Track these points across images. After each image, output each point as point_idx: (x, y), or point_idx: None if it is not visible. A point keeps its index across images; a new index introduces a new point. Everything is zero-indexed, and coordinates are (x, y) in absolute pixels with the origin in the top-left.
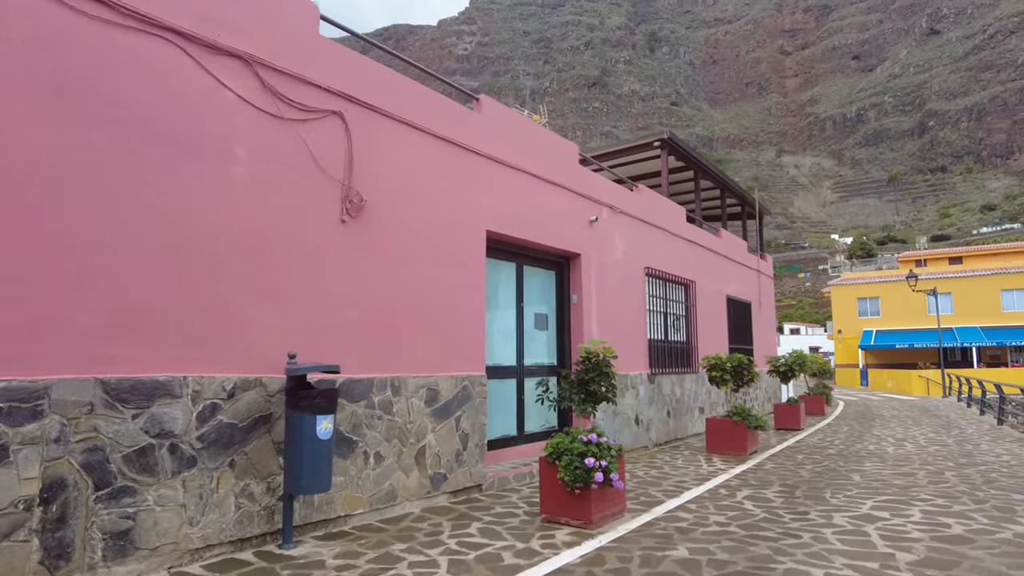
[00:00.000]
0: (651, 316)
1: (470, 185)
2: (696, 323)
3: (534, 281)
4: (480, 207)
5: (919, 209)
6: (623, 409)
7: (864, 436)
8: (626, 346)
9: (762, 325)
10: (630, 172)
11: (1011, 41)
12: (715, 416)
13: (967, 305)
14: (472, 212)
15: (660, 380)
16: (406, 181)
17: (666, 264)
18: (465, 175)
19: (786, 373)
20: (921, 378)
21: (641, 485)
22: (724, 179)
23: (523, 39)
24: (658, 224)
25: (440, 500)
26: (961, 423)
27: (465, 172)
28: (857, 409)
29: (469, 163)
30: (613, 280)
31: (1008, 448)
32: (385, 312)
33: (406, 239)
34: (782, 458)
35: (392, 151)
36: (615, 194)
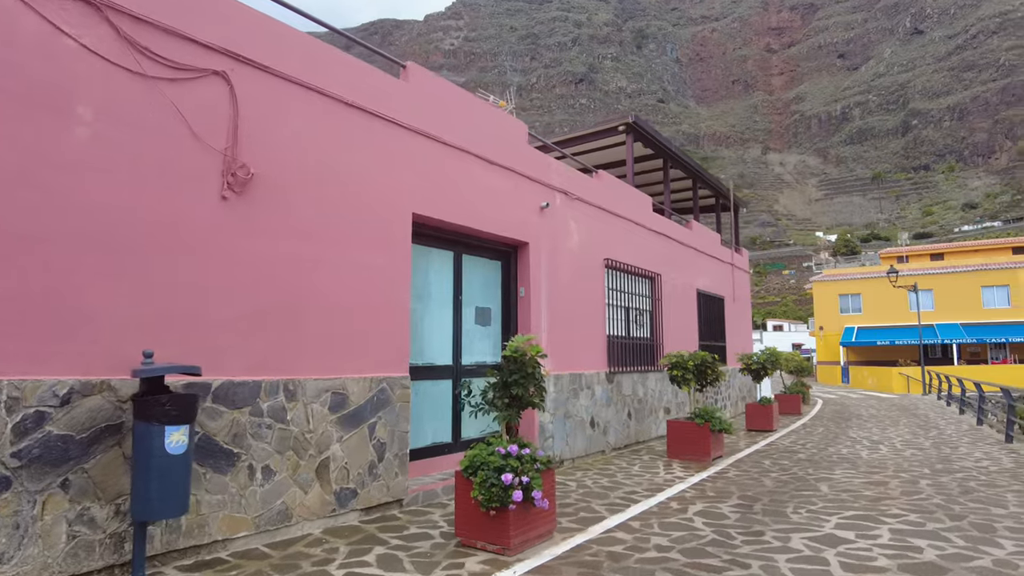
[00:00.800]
0: (611, 311)
1: (393, 163)
2: (662, 318)
3: (476, 272)
4: (405, 187)
5: (903, 207)
6: (576, 411)
7: (839, 438)
8: (581, 343)
9: (736, 321)
10: (596, 160)
11: (993, 41)
12: (677, 418)
13: (948, 302)
14: (395, 193)
15: (620, 379)
16: (313, 155)
17: (629, 256)
18: (388, 151)
19: (758, 371)
20: (901, 375)
21: (586, 497)
22: (696, 169)
23: (510, 35)
24: (620, 213)
25: (348, 519)
26: (940, 423)
27: (388, 148)
28: (835, 408)
29: (393, 138)
30: (567, 272)
31: (987, 451)
32: (281, 304)
33: (311, 221)
34: (748, 464)
35: (295, 121)
36: (570, 179)
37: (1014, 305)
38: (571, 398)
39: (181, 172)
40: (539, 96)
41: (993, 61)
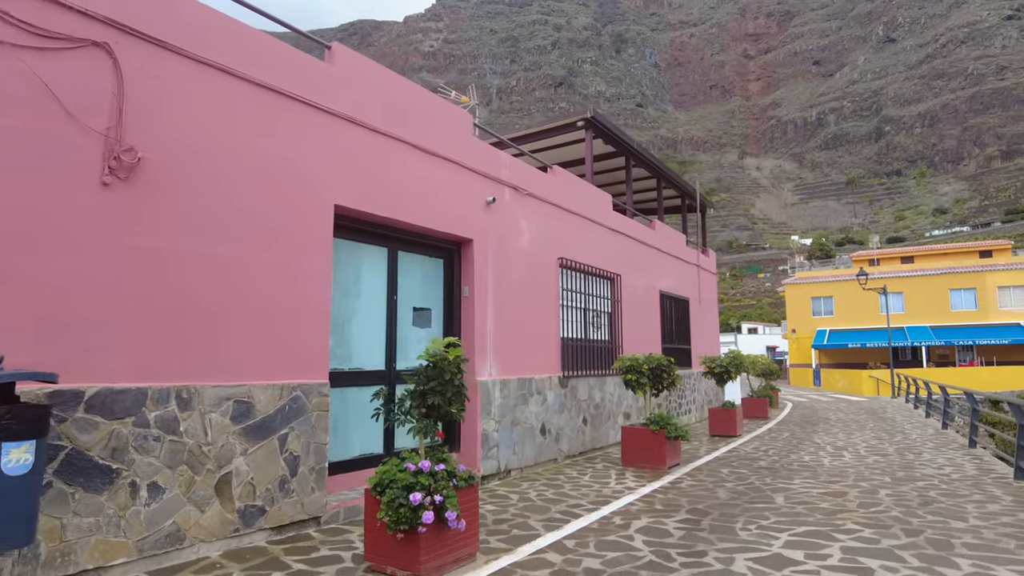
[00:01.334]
0: (566, 312)
1: (314, 150)
2: (621, 320)
3: (414, 270)
4: (327, 177)
5: (876, 211)
6: (525, 418)
7: (803, 444)
8: (532, 346)
9: (702, 323)
10: (555, 158)
11: (961, 51)
12: (633, 425)
13: (917, 305)
14: (314, 183)
15: (575, 384)
16: (216, 140)
17: (586, 255)
18: (307, 138)
19: (722, 375)
20: (872, 378)
21: (526, 511)
22: (660, 168)
23: (490, 37)
24: (577, 211)
25: (255, 539)
26: (906, 427)
27: (308, 135)
28: (803, 412)
29: (314, 124)
30: (517, 271)
31: (950, 458)
32: (173, 303)
33: (212, 212)
34: (705, 473)
35: (196, 102)
36: (521, 174)
37: (981, 308)
38: (519, 404)
39: (51, 154)
40: (519, 99)
41: (962, 70)
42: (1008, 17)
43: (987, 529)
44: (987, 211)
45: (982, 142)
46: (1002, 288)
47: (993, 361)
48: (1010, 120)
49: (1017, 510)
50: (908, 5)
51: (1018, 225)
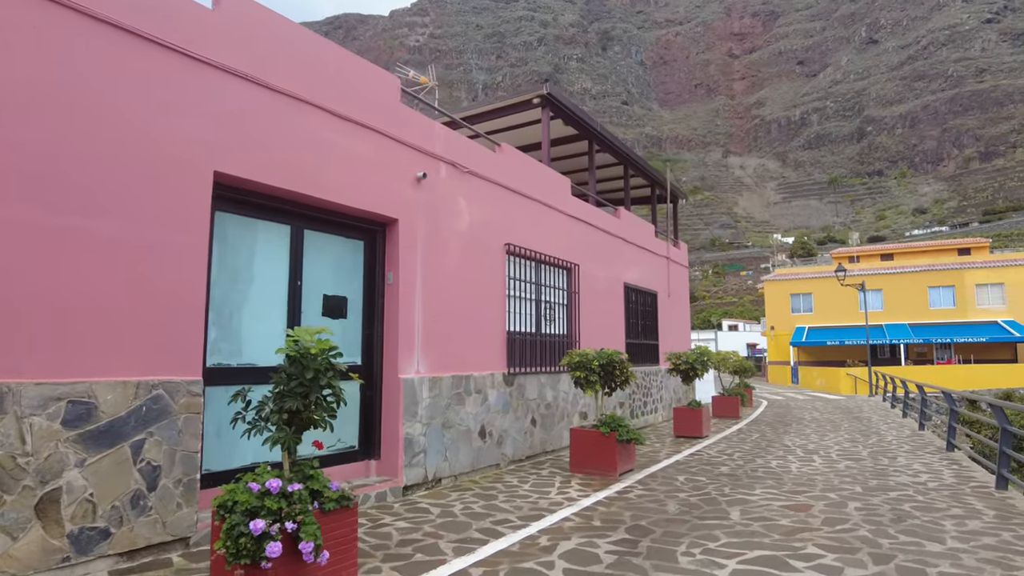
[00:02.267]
0: (515, 304)
1: (189, 107)
2: (579, 313)
3: (326, 252)
4: (203, 139)
5: (857, 211)
6: (460, 420)
7: (772, 446)
8: (472, 339)
9: (672, 318)
10: (515, 140)
11: (942, 53)
12: (583, 426)
13: (896, 302)
14: (186, 145)
15: (523, 382)
16: (50, 91)
17: (540, 242)
18: (182, 92)
19: (687, 372)
20: (849, 376)
21: (442, 530)
22: (628, 154)
23: (476, 33)
24: (529, 194)
25: (93, 569)
26: (882, 428)
27: (183, 88)
28: (777, 411)
29: (192, 76)
30: (454, 256)
31: (927, 463)
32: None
33: (44, 173)
34: (659, 481)
35: (33, 46)
36: (461, 149)
37: (959, 305)
38: (454, 405)
39: None
40: (504, 95)
41: (942, 72)
42: (988, 20)
43: (967, 553)
44: (965, 211)
45: (961, 143)
46: (980, 286)
47: (970, 359)
48: (988, 122)
49: (1000, 528)
50: (891, 7)
51: (995, 225)
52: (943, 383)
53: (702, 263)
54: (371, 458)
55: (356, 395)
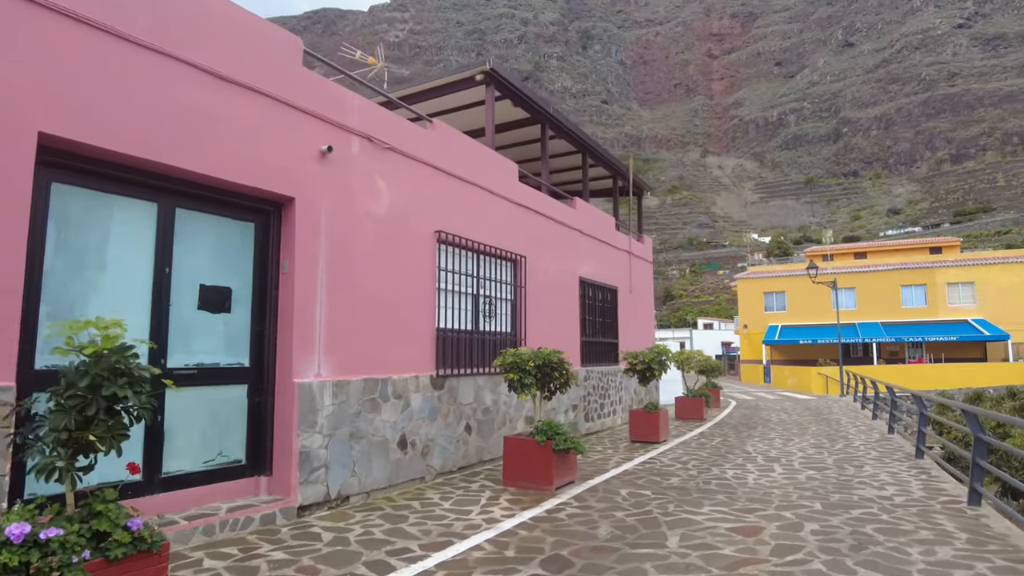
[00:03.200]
0: (448, 298)
1: (8, 54)
2: (525, 309)
3: (204, 235)
4: (21, 91)
5: (833, 211)
6: (374, 429)
7: (732, 453)
8: (391, 337)
9: (634, 315)
10: (464, 125)
11: (915, 56)
12: (519, 434)
13: (869, 301)
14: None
15: (456, 384)
16: None
17: (480, 231)
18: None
19: (644, 372)
20: (820, 376)
21: (321, 563)
22: (585, 141)
23: (456, 29)
24: (467, 177)
25: None
26: (850, 431)
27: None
28: (744, 412)
29: (15, 18)
30: (369, 243)
31: (894, 473)
32: None
33: None
34: (598, 496)
35: None
36: (380, 122)
37: (930, 304)
38: (366, 412)
39: None
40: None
41: (916, 75)
42: (959, 26)
43: None
44: (937, 212)
45: (933, 146)
46: (951, 284)
47: (941, 358)
48: (959, 125)
49: (974, 557)
50: (866, 11)
51: (965, 226)
52: (914, 383)
53: (680, 262)
54: (261, 474)
55: (243, 401)
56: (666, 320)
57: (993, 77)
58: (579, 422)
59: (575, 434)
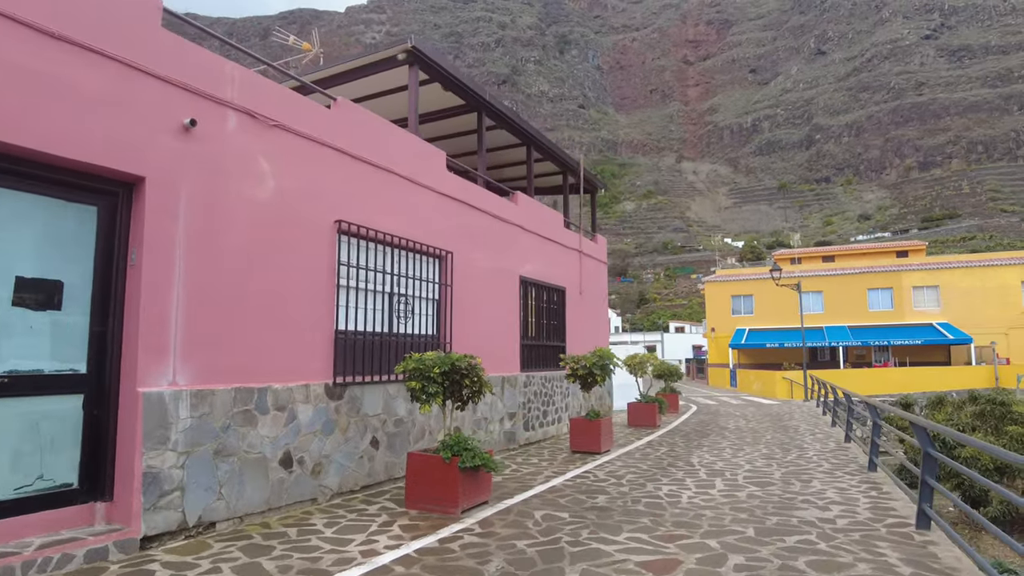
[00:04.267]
0: (353, 296)
1: None
2: (451, 309)
3: (27, 219)
4: None
5: (805, 216)
6: (248, 445)
7: (675, 465)
8: (272, 341)
9: (585, 318)
10: (391, 113)
11: (885, 66)
12: (425, 450)
13: (836, 304)
14: None
15: (359, 393)
16: None
17: (396, 223)
18: None
19: (585, 378)
20: (785, 380)
21: None
22: (530, 132)
23: (434, 32)
24: (380, 163)
25: None
26: (806, 440)
27: None
28: (702, 419)
29: None
30: (246, 232)
31: (843, 489)
32: None
33: None
34: (508, 520)
35: None
36: (265, 96)
37: (896, 308)
38: (236, 426)
39: None
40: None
41: (885, 84)
42: (926, 36)
43: None
44: (905, 218)
45: (902, 153)
46: (917, 288)
47: (906, 362)
48: (927, 133)
49: None
50: (838, 20)
51: (932, 232)
52: (879, 387)
53: (654, 266)
54: (99, 499)
55: (77, 414)
56: (639, 324)
57: (958, 87)
58: (517, 431)
59: (511, 445)
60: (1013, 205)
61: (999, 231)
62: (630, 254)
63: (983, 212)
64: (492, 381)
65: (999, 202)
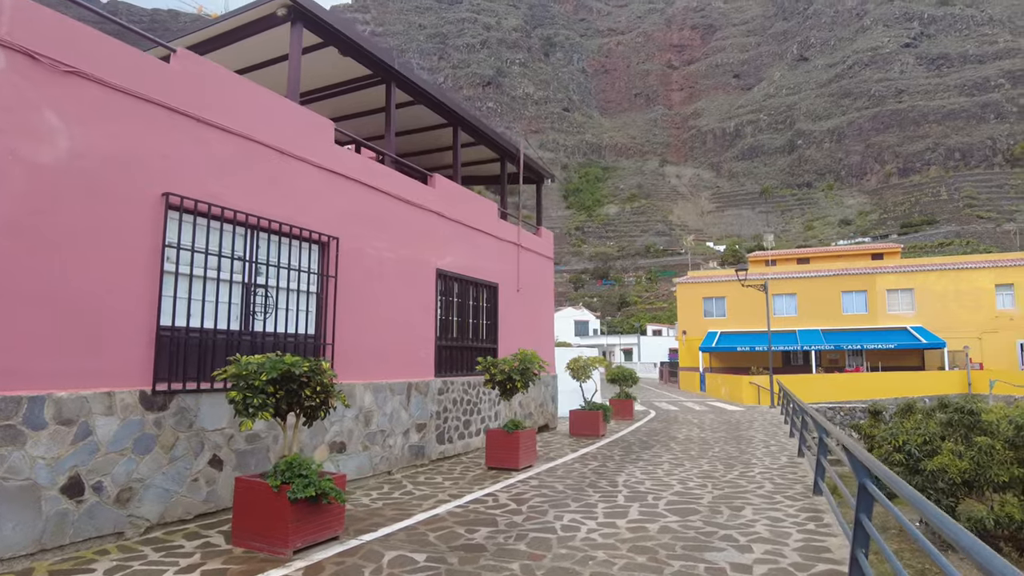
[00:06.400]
0: (191, 286)
1: None
2: (334, 304)
3: None
4: None
5: (787, 221)
6: (7, 471)
7: (597, 485)
8: (60, 337)
9: (523, 317)
10: (282, 86)
11: (866, 73)
12: (254, 475)
13: (810, 307)
14: None
15: (195, 404)
16: None
17: (259, 200)
18: None
19: (504, 384)
20: (752, 385)
21: None
22: (456, 112)
23: (418, 32)
24: (233, 128)
25: None
26: (758, 453)
27: None
28: (655, 426)
29: None
30: (15, 201)
31: (776, 520)
32: None
33: None
34: (347, 565)
35: None
36: (52, 32)
37: (871, 311)
38: (7, 445)
39: None
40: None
41: (866, 91)
42: (906, 45)
43: None
44: (885, 224)
45: (882, 159)
46: (891, 291)
47: (879, 366)
48: (906, 140)
49: None
50: (820, 27)
51: (911, 237)
52: (850, 392)
53: (636, 269)
54: None
55: None
56: (618, 327)
57: (937, 95)
58: (427, 445)
59: (419, 461)
60: (989, 212)
61: (976, 237)
62: (612, 257)
63: (960, 218)
64: (395, 388)
65: (975, 208)
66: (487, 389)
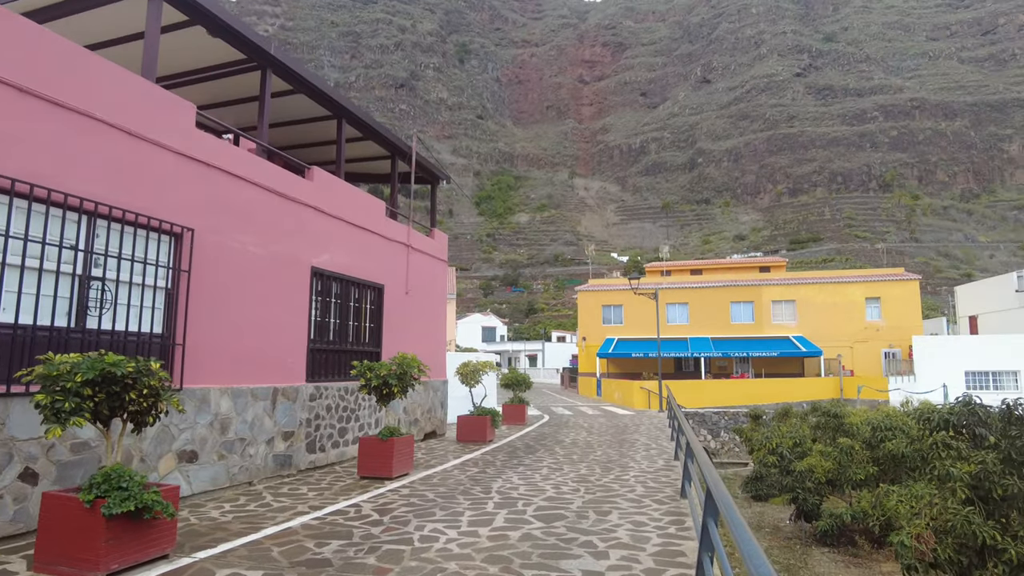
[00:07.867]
0: (10, 275)
1: None
2: (186, 301)
3: None
4: None
5: (686, 235)
6: None
7: (469, 492)
8: None
9: (412, 320)
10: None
11: (762, 98)
12: (65, 490)
13: (702, 316)
14: None
15: (1, 408)
16: None
17: (101, 186)
18: None
19: (380, 389)
20: (643, 390)
21: None
22: (340, 103)
23: (331, 29)
24: (62, 100)
25: None
26: (638, 456)
27: None
28: (545, 431)
29: None
30: None
31: (639, 524)
32: None
33: None
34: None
35: None
36: None
37: (757, 321)
38: None
39: None
40: (357, 96)
41: (761, 115)
42: (797, 74)
43: None
44: (776, 240)
45: (774, 179)
46: (776, 302)
47: (763, 373)
48: (796, 162)
49: None
50: (722, 52)
51: (799, 253)
52: (736, 397)
53: (545, 277)
54: None
55: None
56: (525, 333)
57: (823, 122)
58: (296, 454)
59: (285, 471)
60: (865, 232)
61: (853, 255)
62: (522, 264)
63: (841, 237)
64: (258, 393)
65: (854, 228)
66: (365, 395)
